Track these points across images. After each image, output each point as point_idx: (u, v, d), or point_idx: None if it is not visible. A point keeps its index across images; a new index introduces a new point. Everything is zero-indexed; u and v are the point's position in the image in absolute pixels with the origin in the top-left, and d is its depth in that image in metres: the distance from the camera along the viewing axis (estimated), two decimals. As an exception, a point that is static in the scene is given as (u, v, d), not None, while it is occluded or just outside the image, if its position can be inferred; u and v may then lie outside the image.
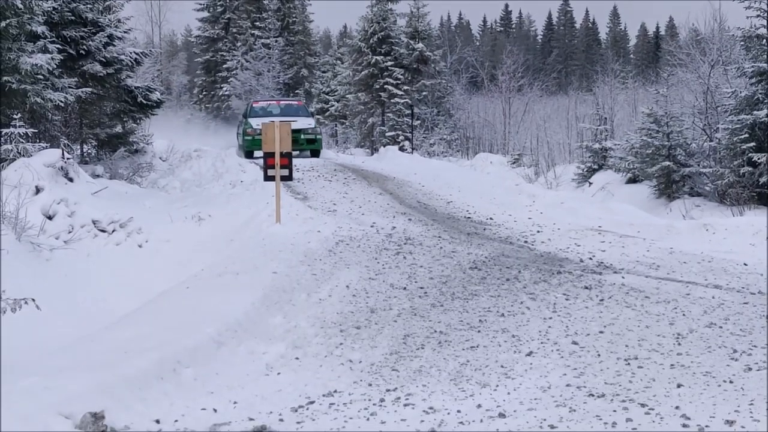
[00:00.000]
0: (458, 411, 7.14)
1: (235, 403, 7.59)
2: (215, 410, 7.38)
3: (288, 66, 49.64)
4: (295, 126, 25.10)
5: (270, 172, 14.94)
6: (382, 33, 42.03)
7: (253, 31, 51.10)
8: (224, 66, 51.30)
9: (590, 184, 29.45)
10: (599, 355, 8.46)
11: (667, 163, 23.69)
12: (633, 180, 26.95)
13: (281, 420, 7.18)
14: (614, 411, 6.89)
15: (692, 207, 21.88)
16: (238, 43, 50.95)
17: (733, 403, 6.96)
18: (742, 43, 23.64)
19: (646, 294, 10.67)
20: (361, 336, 9.34)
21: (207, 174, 22.27)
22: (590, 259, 12.80)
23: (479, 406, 7.23)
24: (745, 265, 12.49)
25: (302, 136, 28.14)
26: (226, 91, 48.61)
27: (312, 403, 7.55)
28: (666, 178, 23.92)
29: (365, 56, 42.41)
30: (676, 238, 14.37)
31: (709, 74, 26.67)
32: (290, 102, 32.95)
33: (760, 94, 21.60)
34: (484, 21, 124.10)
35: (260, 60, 44.09)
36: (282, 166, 14.86)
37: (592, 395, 7.29)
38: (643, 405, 6.99)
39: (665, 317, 9.73)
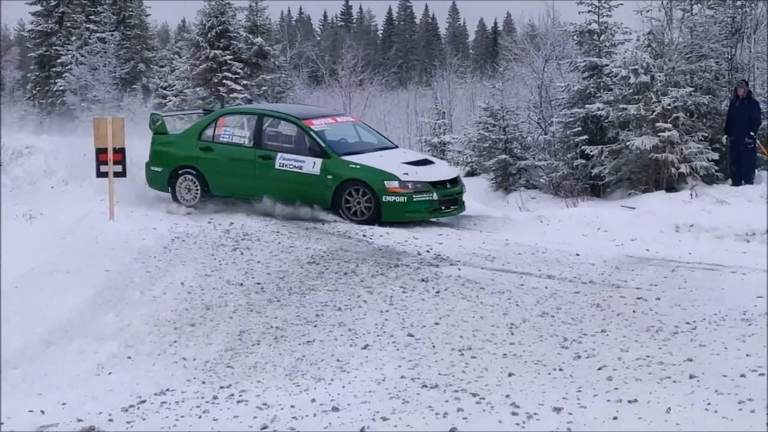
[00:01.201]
0: (292, 406, 7.11)
1: (63, 404, 7.42)
2: (43, 412, 7.21)
3: (125, 61, 48.64)
4: (440, 173, 16.43)
5: (102, 169, 14.61)
6: (221, 27, 41.55)
7: (88, 25, 49.91)
8: (58, 61, 49.97)
9: (429, 177, 29.69)
10: (434, 346, 8.53)
11: (504, 156, 24.04)
12: (471, 173, 27.24)
13: (111, 420, 7.04)
14: (446, 401, 6.95)
15: (528, 199, 22.23)
16: (73, 38, 49.70)
17: (562, 390, 7.09)
18: (575, 38, 24.16)
19: (482, 285, 10.80)
20: (196, 333, 9.23)
21: (39, 171, 21.67)
22: (428, 251, 12.88)
23: (313, 400, 7.21)
24: (578, 255, 12.76)
25: (456, 189, 16.15)
26: (60, 86, 47.40)
27: (143, 402, 7.44)
28: (503, 171, 24.27)
29: (203, 50, 41.85)
30: (511, 230, 14.57)
31: (543, 69, 27.15)
32: (344, 117, 19.09)
33: (592, 88, 22.10)
34: (325, 16, 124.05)
35: (96, 55, 43.08)
36: (115, 162, 14.55)
37: (426, 386, 7.34)
38: (474, 394, 7.06)
39: (499, 308, 9.86)
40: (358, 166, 15.83)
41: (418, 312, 9.71)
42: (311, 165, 15.96)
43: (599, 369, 7.67)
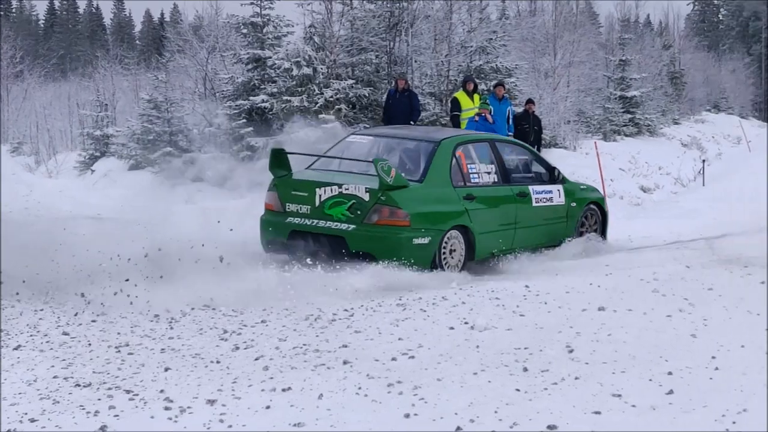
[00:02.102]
0: (-70, 414, 6.71)
1: None
2: None
3: None
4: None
5: None
6: None
7: None
8: None
9: (93, 171, 28.98)
10: (90, 344, 8.29)
11: (169, 148, 23.86)
12: (136, 166, 26.81)
13: None
14: (99, 399, 6.75)
15: (195, 192, 22.12)
16: None
17: (218, 382, 7.06)
18: (241, 30, 24.30)
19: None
20: None
21: None
22: (87, 250, 12.52)
23: (-45, 407, 6.84)
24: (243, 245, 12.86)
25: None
26: None
27: None
28: (168, 164, 24.05)
29: None
30: (175, 225, 14.42)
31: (206, 60, 27.14)
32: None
33: (256, 80, 22.31)
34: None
35: None
36: None
37: (79, 385, 7.11)
38: (128, 391, 6.91)
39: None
40: (584, 186, 14.18)
41: (75, 310, 9.44)
42: (557, 194, 13.47)
43: (256, 359, 7.70)
